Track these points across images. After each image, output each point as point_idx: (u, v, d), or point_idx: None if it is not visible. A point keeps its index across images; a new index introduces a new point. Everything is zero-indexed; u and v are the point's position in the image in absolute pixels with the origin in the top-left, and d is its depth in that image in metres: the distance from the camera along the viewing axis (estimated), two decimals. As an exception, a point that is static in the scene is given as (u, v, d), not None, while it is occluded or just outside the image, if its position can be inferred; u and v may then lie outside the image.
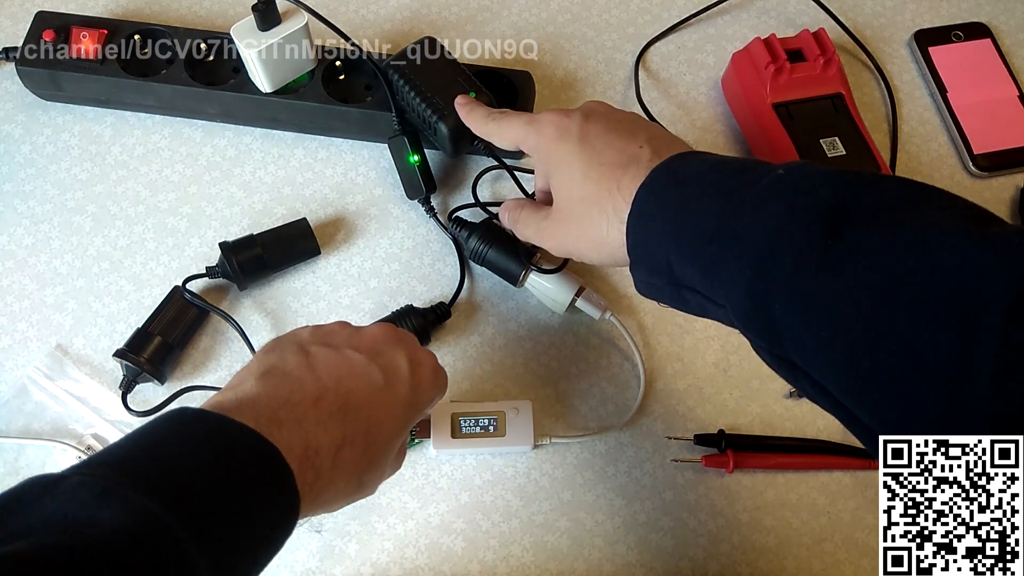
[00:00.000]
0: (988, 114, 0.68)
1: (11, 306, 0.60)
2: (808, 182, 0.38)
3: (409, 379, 0.43)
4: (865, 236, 0.35)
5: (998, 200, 0.66)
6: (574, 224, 0.48)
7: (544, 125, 0.50)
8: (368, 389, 0.41)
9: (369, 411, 0.40)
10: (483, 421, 0.55)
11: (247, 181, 0.64)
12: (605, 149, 0.46)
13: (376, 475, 0.42)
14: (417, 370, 0.44)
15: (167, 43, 0.65)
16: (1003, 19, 0.73)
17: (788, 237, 0.37)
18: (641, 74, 0.69)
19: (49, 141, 0.65)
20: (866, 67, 0.71)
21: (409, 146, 0.61)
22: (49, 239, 0.62)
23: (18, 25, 0.68)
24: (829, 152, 0.61)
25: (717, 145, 0.67)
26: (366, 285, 0.62)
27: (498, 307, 0.61)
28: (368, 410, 0.40)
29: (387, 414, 0.41)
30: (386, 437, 0.41)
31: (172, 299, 0.58)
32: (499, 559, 0.55)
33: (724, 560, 0.55)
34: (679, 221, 0.42)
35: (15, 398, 0.57)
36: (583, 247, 0.48)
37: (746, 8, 0.73)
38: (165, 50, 0.65)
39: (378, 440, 0.41)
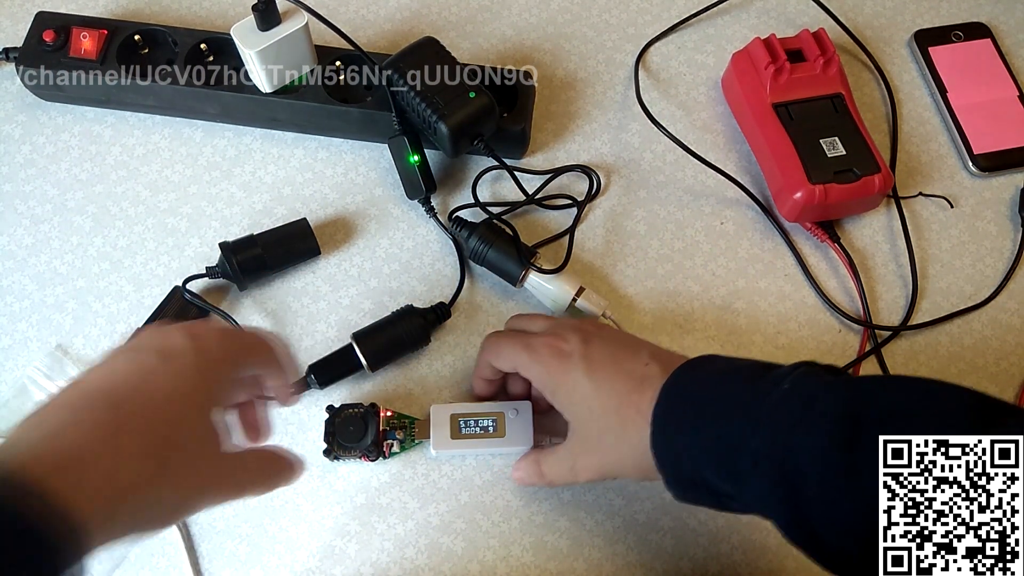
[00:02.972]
0: (988, 114, 0.68)
1: (11, 306, 0.60)
2: (814, 396, 0.40)
3: (191, 348, 0.41)
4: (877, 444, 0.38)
5: (998, 200, 0.66)
6: (605, 452, 0.48)
7: (542, 355, 0.50)
8: (138, 375, 0.39)
9: (145, 393, 0.38)
10: (483, 422, 0.55)
11: (247, 181, 0.64)
12: (616, 375, 0.47)
13: (185, 451, 0.39)
14: (198, 340, 0.42)
15: (167, 43, 0.65)
16: (1003, 19, 0.73)
17: (807, 452, 0.39)
18: (641, 74, 0.69)
19: (49, 141, 0.65)
20: (866, 67, 0.71)
21: (409, 146, 0.61)
22: (49, 239, 0.62)
23: (18, 25, 0.68)
24: (829, 152, 0.61)
25: (717, 145, 0.67)
26: (366, 285, 0.62)
27: (498, 307, 0.61)
28: (144, 392, 0.38)
29: (171, 387, 0.39)
30: (177, 410, 0.39)
31: (172, 299, 0.58)
32: (499, 559, 0.55)
33: (724, 560, 0.55)
34: (704, 441, 0.43)
35: (15, 398, 0.57)
36: (623, 471, 0.49)
37: (746, 8, 0.73)
38: (165, 50, 0.65)
39: (166, 414, 0.38)
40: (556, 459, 0.52)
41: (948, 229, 0.65)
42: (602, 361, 0.48)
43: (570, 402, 0.49)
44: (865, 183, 0.61)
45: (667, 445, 0.45)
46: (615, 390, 0.47)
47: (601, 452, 0.48)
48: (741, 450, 0.41)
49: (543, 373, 0.50)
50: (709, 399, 0.44)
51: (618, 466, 0.48)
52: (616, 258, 0.63)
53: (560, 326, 0.52)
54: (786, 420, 0.40)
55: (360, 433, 0.55)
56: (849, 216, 0.65)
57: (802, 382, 0.41)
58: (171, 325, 0.44)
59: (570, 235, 0.63)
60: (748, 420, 0.41)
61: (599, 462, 0.49)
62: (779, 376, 0.42)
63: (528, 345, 0.51)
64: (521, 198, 0.63)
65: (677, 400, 0.45)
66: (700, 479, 0.44)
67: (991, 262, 0.64)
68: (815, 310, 0.62)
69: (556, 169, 0.65)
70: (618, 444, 0.47)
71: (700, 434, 0.43)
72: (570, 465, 0.50)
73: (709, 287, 0.63)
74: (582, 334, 0.50)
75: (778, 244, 0.64)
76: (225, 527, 0.55)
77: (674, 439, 0.44)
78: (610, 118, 0.68)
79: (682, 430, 0.44)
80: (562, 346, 0.50)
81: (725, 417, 0.43)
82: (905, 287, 0.63)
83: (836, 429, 0.38)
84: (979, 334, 0.62)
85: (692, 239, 0.64)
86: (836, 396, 0.40)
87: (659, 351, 0.49)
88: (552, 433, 0.56)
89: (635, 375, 0.47)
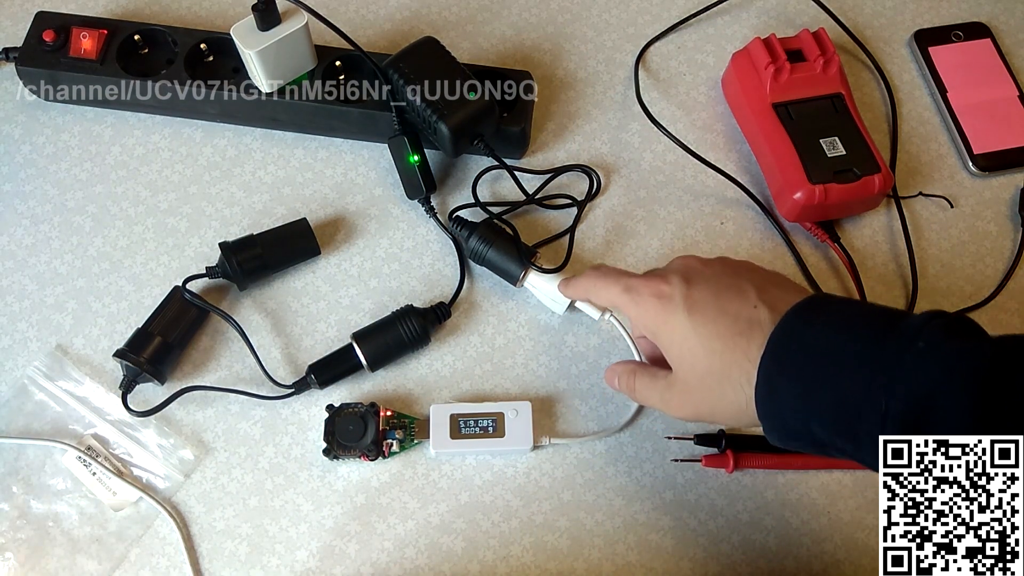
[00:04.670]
0: (988, 114, 0.68)
1: (11, 306, 0.60)
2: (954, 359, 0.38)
3: None
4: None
5: (998, 200, 0.66)
6: (704, 395, 0.47)
7: (643, 296, 0.49)
8: None
9: None
10: (483, 422, 0.55)
11: (247, 181, 0.64)
12: (720, 317, 0.45)
13: None
14: None
15: (167, 43, 0.65)
16: (1003, 19, 0.73)
17: (947, 420, 0.37)
18: (641, 74, 0.69)
19: (49, 141, 0.65)
20: (866, 67, 0.71)
21: (409, 146, 0.61)
22: (49, 239, 0.62)
23: (18, 25, 0.68)
24: (829, 152, 0.61)
25: (717, 145, 0.67)
26: (366, 285, 0.62)
27: (498, 307, 0.61)
28: None
29: None
30: None
31: (172, 299, 0.58)
32: (499, 559, 0.55)
33: (724, 560, 0.55)
34: (818, 395, 0.41)
35: (15, 398, 0.57)
36: (717, 416, 0.47)
37: (746, 8, 0.73)
38: (165, 50, 0.65)
39: None
40: (653, 382, 0.50)
41: (948, 229, 0.65)
42: (705, 304, 0.46)
43: (672, 343, 0.47)
44: (865, 183, 0.61)
45: (774, 398, 0.42)
46: (719, 334, 0.45)
47: (700, 395, 0.47)
48: (865, 410, 0.38)
49: (643, 315, 0.48)
50: (826, 351, 0.41)
51: (715, 411, 0.47)
52: (616, 258, 0.63)
53: (664, 268, 0.50)
54: (922, 384, 0.37)
55: (360, 432, 0.55)
56: (849, 216, 0.65)
57: (939, 342, 0.38)
58: None
59: (570, 235, 0.63)
60: (876, 378, 0.38)
61: (695, 403, 0.47)
62: (911, 329, 0.39)
63: (629, 286, 0.50)
64: (521, 198, 0.63)
65: (788, 351, 0.42)
66: (807, 431, 0.41)
67: (991, 262, 0.64)
68: (815, 310, 0.62)
69: (556, 169, 0.65)
70: (719, 389, 0.45)
71: (815, 390, 0.41)
72: (663, 396, 0.49)
73: (709, 287, 0.62)
74: (685, 273, 0.48)
75: (778, 244, 0.64)
76: (225, 527, 0.55)
77: (784, 392, 0.42)
78: (610, 118, 0.68)
79: (793, 384, 0.41)
80: (663, 288, 0.48)
81: (847, 373, 0.40)
82: (905, 287, 0.63)
83: (978, 402, 0.36)
84: (979, 334, 0.62)
85: (692, 239, 0.64)
86: (979, 362, 0.37)
87: (769, 288, 0.46)
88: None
89: (741, 318, 0.45)
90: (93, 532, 0.54)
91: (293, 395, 0.57)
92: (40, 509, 0.54)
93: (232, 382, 0.58)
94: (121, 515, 0.55)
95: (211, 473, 0.56)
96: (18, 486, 0.55)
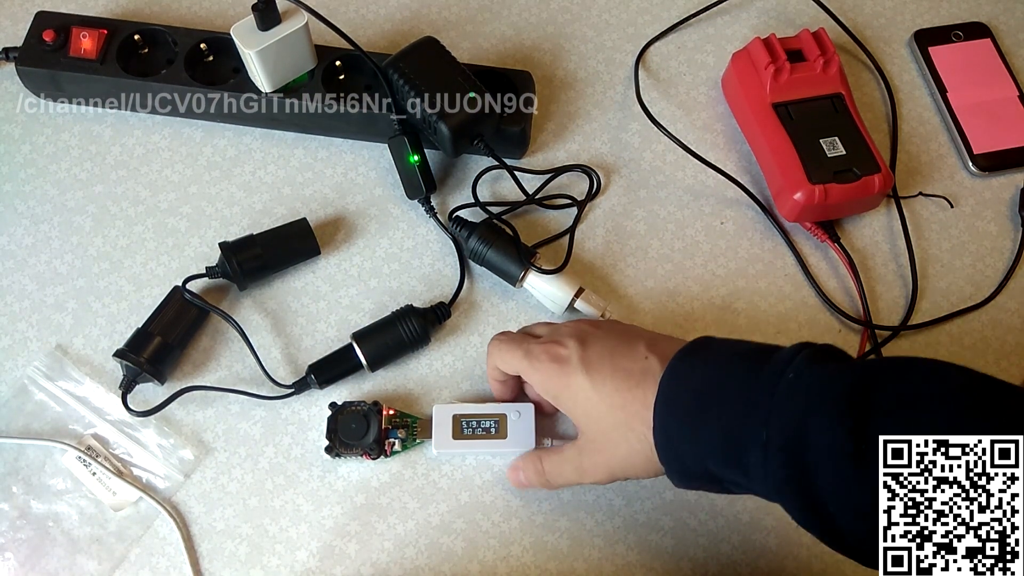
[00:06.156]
0: (988, 114, 0.68)
1: (11, 306, 0.60)
2: (820, 386, 0.40)
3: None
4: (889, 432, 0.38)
5: (998, 200, 0.66)
6: (613, 451, 0.48)
7: (542, 361, 0.50)
8: None
9: None
10: (485, 423, 0.55)
11: (247, 181, 0.64)
12: (615, 372, 0.47)
13: None
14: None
15: (167, 43, 0.65)
16: (1003, 19, 0.73)
17: (818, 444, 0.39)
18: (641, 74, 0.69)
19: (49, 141, 0.65)
20: (866, 67, 0.71)
21: (409, 146, 0.61)
22: (49, 239, 0.62)
23: (18, 25, 0.68)
24: (829, 152, 0.61)
25: (717, 145, 0.67)
26: (366, 285, 0.62)
27: (498, 307, 0.61)
28: None
29: None
30: None
31: (172, 299, 0.58)
32: (499, 559, 0.55)
33: (724, 560, 0.55)
34: (707, 433, 0.43)
35: (15, 398, 0.57)
36: (630, 470, 0.48)
37: (746, 8, 0.73)
38: (165, 50, 0.65)
39: None
40: (561, 459, 0.51)
41: (948, 229, 0.65)
42: (600, 361, 0.48)
43: (575, 404, 0.49)
44: (865, 183, 0.61)
45: (669, 440, 0.45)
46: (617, 388, 0.47)
47: (610, 451, 0.48)
48: (748, 442, 0.41)
49: (544, 380, 0.50)
50: (709, 390, 0.44)
51: (626, 464, 0.48)
52: (616, 258, 0.63)
53: (557, 331, 0.52)
54: (794, 411, 0.40)
55: (362, 431, 0.55)
56: (849, 216, 0.65)
57: (807, 370, 0.41)
58: None
59: (570, 235, 0.63)
60: (754, 412, 0.41)
61: (607, 461, 0.49)
62: (781, 362, 0.42)
63: (528, 352, 0.51)
64: (521, 198, 0.63)
65: (676, 394, 0.45)
66: (704, 470, 0.44)
67: (991, 262, 0.64)
68: (815, 310, 0.62)
69: (556, 169, 0.65)
70: (625, 443, 0.47)
71: (702, 428, 0.43)
72: (576, 465, 0.50)
73: (709, 287, 0.63)
74: (579, 336, 0.50)
75: (778, 244, 0.64)
76: (225, 527, 0.55)
77: (676, 434, 0.44)
78: (610, 118, 0.68)
79: (684, 424, 0.44)
80: (560, 351, 0.50)
81: (728, 409, 0.42)
82: (905, 287, 0.63)
83: (846, 418, 0.38)
84: (979, 334, 0.62)
85: (692, 239, 0.64)
86: (843, 384, 0.40)
87: (657, 340, 0.49)
88: (556, 436, 0.56)
89: (635, 371, 0.47)
90: (93, 532, 0.54)
91: (293, 395, 0.57)
92: (40, 509, 0.55)
93: (232, 382, 0.58)
94: (121, 515, 0.55)
95: (211, 473, 0.56)
96: (18, 486, 0.55)
